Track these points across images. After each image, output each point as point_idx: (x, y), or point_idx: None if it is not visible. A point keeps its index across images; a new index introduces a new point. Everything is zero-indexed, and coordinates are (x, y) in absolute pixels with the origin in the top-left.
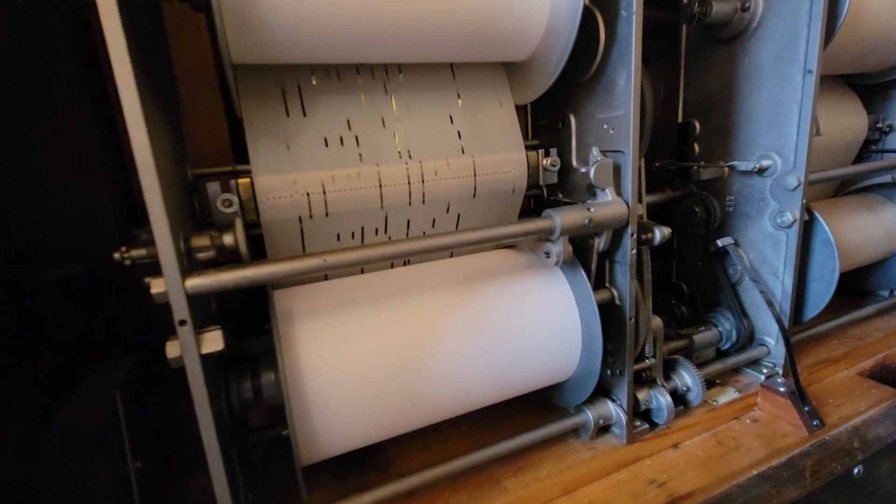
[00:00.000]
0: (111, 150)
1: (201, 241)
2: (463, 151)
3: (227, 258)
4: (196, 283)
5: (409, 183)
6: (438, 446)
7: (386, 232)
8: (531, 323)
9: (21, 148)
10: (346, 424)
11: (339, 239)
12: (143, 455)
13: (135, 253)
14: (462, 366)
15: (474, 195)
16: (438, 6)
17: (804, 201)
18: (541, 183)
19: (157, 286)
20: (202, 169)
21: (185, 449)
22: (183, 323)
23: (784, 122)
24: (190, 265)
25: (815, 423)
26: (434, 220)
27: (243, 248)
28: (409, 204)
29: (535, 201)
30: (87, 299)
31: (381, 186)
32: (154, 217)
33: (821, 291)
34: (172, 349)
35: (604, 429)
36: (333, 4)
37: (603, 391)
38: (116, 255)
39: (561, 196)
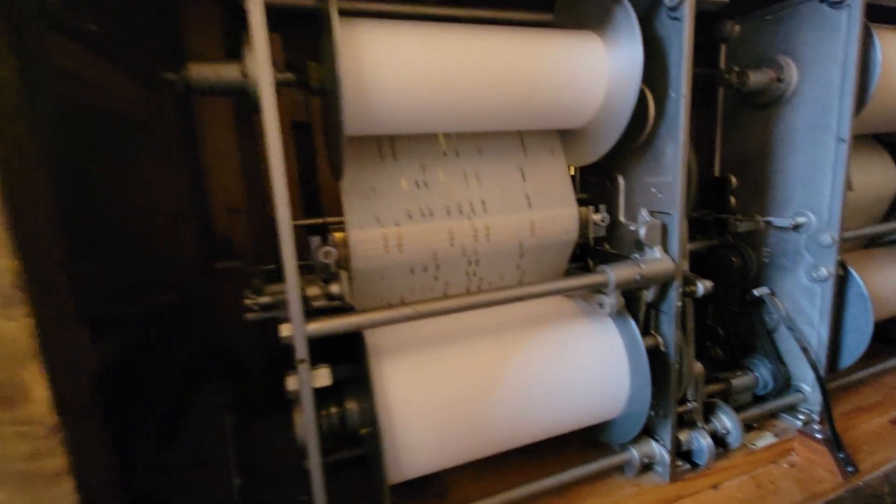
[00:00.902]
0: (199, 195)
1: (314, 290)
2: (525, 208)
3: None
4: (315, 327)
5: (476, 237)
6: (491, 476)
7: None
8: (586, 365)
9: (134, 189)
10: (424, 450)
11: (412, 273)
12: (241, 472)
13: (261, 300)
14: (525, 401)
15: (528, 247)
16: (511, 89)
17: (838, 258)
18: (590, 236)
19: (285, 330)
20: (297, 221)
21: (274, 468)
22: (302, 361)
23: (818, 182)
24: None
25: (849, 468)
26: (494, 265)
27: (347, 297)
28: (471, 252)
29: (582, 249)
30: (182, 329)
31: (451, 239)
32: (288, 272)
33: (855, 342)
34: (292, 383)
35: (647, 467)
36: (428, 93)
37: (647, 431)
38: (248, 301)
39: (608, 247)
